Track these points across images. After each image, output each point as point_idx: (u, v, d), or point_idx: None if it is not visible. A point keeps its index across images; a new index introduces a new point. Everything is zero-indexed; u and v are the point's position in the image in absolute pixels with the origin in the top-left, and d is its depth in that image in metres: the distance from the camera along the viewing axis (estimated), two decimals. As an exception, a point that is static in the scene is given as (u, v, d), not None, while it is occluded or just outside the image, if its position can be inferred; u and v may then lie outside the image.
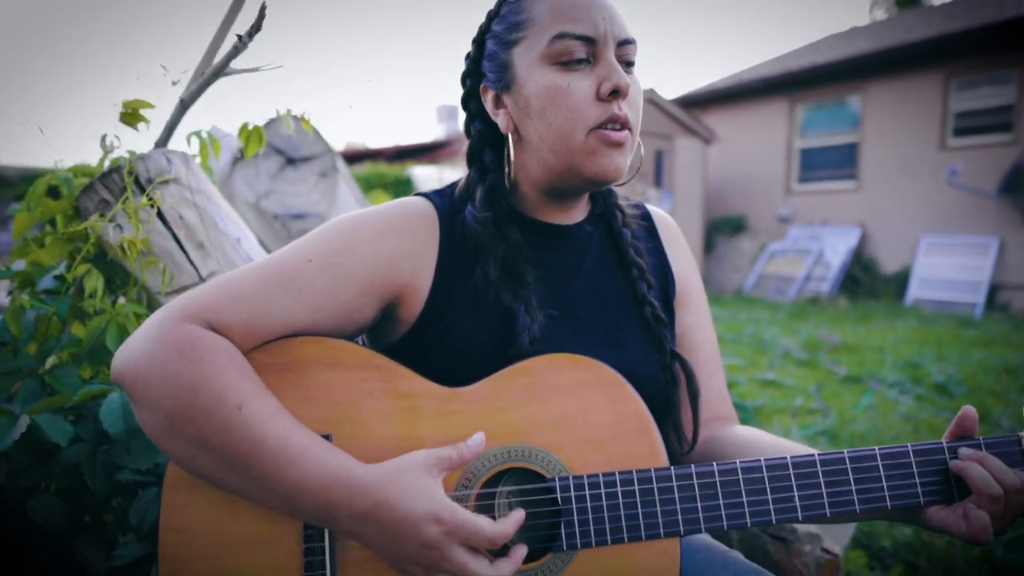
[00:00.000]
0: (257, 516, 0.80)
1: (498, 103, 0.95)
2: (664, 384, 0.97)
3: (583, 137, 0.88)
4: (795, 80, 11.19)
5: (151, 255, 1.23)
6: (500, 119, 0.95)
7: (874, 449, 0.83)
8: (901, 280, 9.81)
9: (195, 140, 1.43)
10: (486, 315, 0.92)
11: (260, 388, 0.78)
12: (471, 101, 1.00)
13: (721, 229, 11.95)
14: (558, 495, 0.81)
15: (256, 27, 1.17)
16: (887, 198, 10.24)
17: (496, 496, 0.86)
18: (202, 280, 1.28)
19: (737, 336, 6.66)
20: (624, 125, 0.89)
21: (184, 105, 1.28)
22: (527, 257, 0.95)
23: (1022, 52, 8.88)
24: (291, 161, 3.10)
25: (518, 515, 0.77)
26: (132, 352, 0.78)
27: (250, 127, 1.42)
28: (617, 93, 0.87)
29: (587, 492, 0.81)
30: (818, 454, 0.83)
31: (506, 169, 0.96)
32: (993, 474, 0.79)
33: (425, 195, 0.99)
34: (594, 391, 0.85)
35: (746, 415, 3.63)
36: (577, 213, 1.02)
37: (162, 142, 1.32)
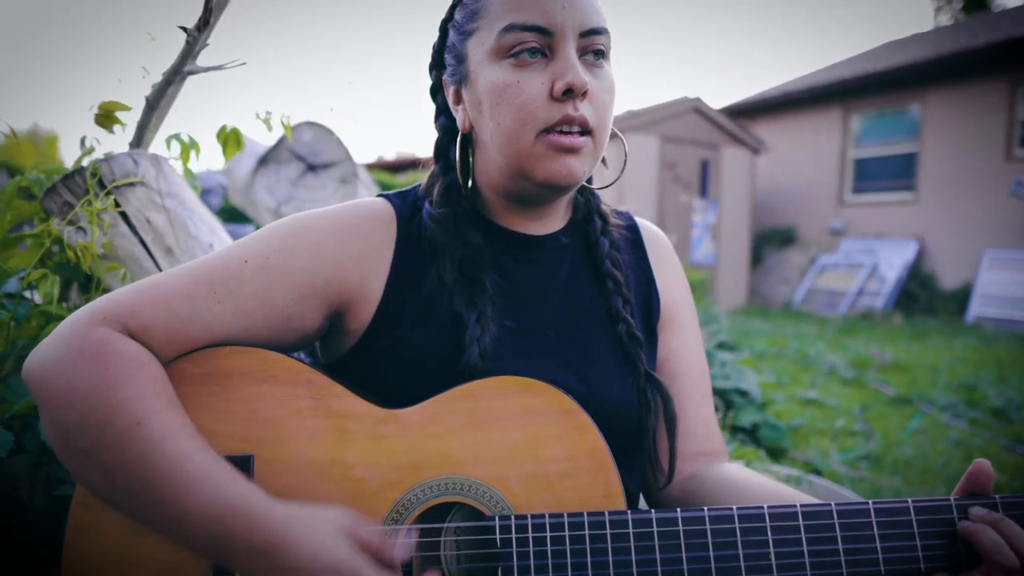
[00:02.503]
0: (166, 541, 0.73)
1: (458, 98, 0.87)
2: (637, 410, 0.87)
3: (531, 139, 0.79)
4: (850, 88, 10.81)
5: (113, 259, 1.19)
6: (459, 115, 0.87)
7: (868, 503, 0.71)
8: (962, 297, 9.33)
9: (175, 143, 1.38)
10: (439, 324, 0.84)
11: (169, 404, 0.71)
12: (438, 94, 0.92)
13: (769, 241, 11.61)
14: (497, 536, 0.72)
15: (204, 21, 1.11)
16: (947, 211, 9.77)
17: (442, 533, 0.77)
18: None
19: (780, 351, 6.41)
20: (583, 128, 0.79)
21: (150, 105, 1.23)
22: (489, 263, 0.86)
23: (1097, 58, 8.36)
24: (312, 168, 3.08)
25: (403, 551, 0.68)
26: (40, 355, 0.72)
27: (228, 129, 1.37)
28: (571, 92, 0.78)
29: (530, 535, 0.71)
30: (801, 506, 0.71)
31: (466, 170, 0.87)
32: (1009, 541, 0.66)
33: (386, 196, 0.92)
34: (546, 420, 0.76)
35: (780, 435, 3.44)
36: (552, 222, 0.92)
37: (135, 143, 1.28)
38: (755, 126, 12.12)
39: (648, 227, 1.02)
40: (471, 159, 0.88)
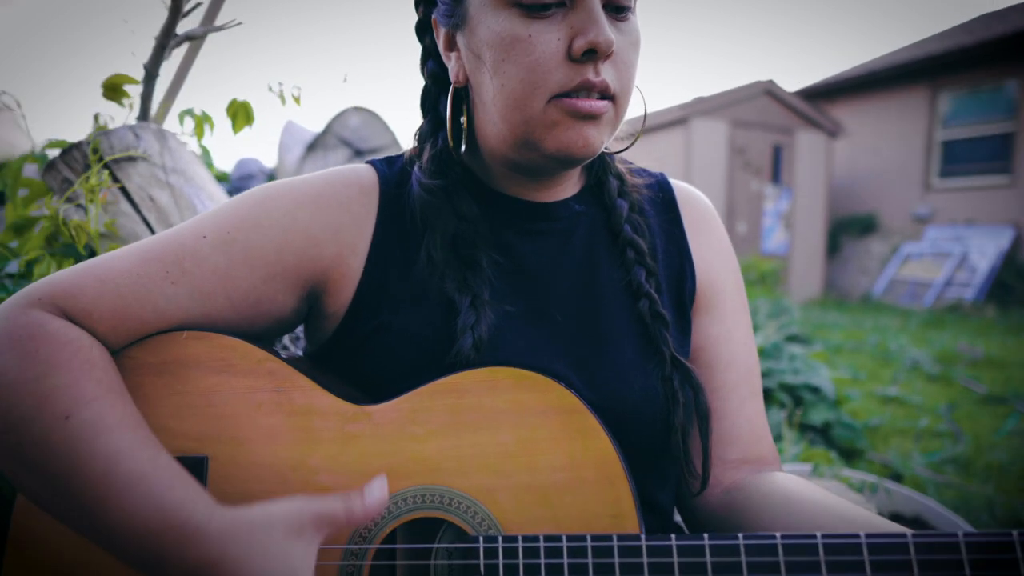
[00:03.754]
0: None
1: (451, 44, 0.74)
2: (663, 404, 0.73)
3: (542, 105, 0.66)
4: (938, 65, 10.09)
5: (114, 240, 1.12)
6: (451, 66, 0.74)
7: (956, 536, 0.54)
8: (1063, 288, 8.58)
9: (188, 119, 1.31)
10: (428, 309, 0.72)
11: (109, 391, 0.61)
12: (426, 33, 0.78)
13: (847, 229, 11.00)
14: (481, 561, 0.60)
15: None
16: (1048, 195, 9.01)
17: (432, 555, 0.65)
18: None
19: (858, 345, 6.03)
20: (603, 93, 0.66)
21: (149, 73, 1.16)
22: (486, 238, 0.74)
23: None
24: (359, 153, 3.02)
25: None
26: None
27: (238, 102, 1.29)
28: (594, 53, 0.64)
29: (520, 560, 0.59)
30: (866, 536, 0.56)
31: (457, 130, 0.75)
32: None
33: (372, 162, 0.80)
34: (543, 420, 0.63)
35: (854, 435, 3.18)
36: (564, 189, 0.79)
37: (141, 116, 1.22)
38: (833, 108, 11.50)
39: (685, 189, 0.87)
40: (464, 116, 0.75)
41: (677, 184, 0.87)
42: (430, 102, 0.78)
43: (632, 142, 0.81)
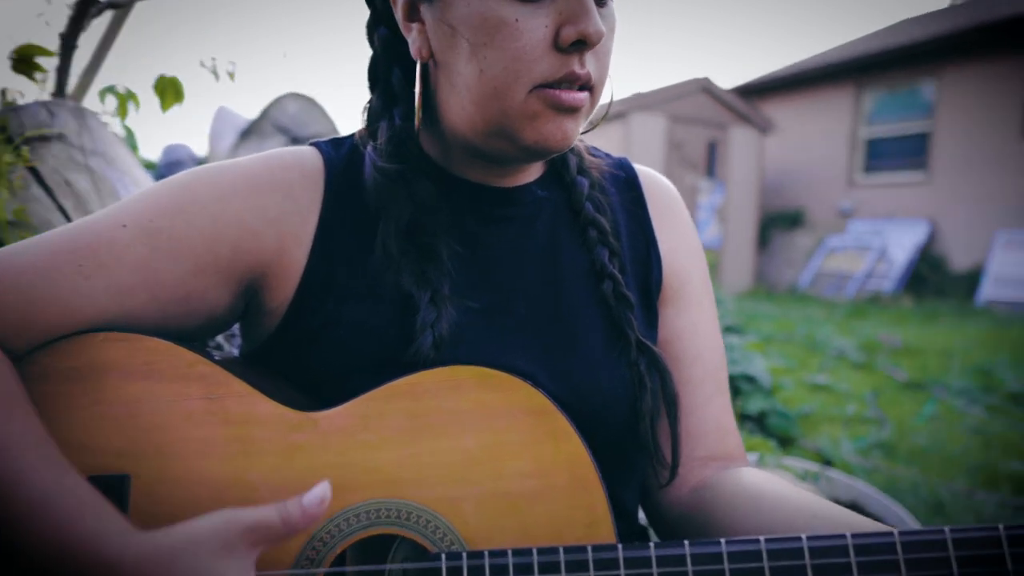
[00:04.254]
0: None
1: (412, 14, 0.67)
2: (632, 390, 0.69)
3: (523, 95, 0.61)
4: (863, 65, 10.52)
5: (26, 228, 1.01)
6: (412, 38, 0.67)
7: (944, 530, 0.53)
8: (972, 279, 9.11)
9: (110, 97, 1.20)
10: (383, 304, 0.66)
11: (5, 406, 0.53)
12: None
13: (777, 223, 11.38)
14: (443, 580, 0.54)
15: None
16: (960, 191, 9.52)
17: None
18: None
19: (788, 336, 6.23)
20: (585, 85, 0.62)
21: (65, 45, 1.05)
22: (445, 226, 0.69)
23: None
24: (296, 140, 2.90)
25: None
26: None
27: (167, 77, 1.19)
28: (583, 44, 0.60)
29: (487, 577, 0.54)
30: (852, 536, 0.53)
31: (415, 111, 0.68)
32: None
33: (316, 143, 0.74)
34: (509, 424, 0.58)
35: (789, 423, 3.27)
36: (526, 174, 0.75)
37: (58, 92, 1.10)
38: (765, 105, 11.85)
39: (649, 173, 0.83)
40: (420, 89, 0.68)
41: (640, 168, 0.84)
42: (380, 73, 0.71)
43: (591, 127, 0.77)
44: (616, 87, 0.70)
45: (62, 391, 0.59)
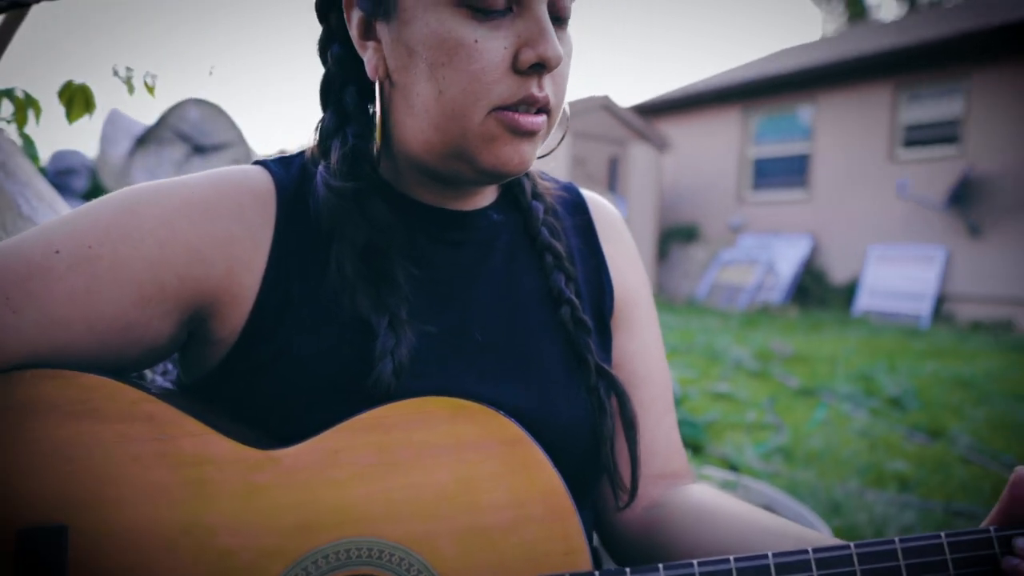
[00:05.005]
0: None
1: (367, 32, 0.65)
2: (591, 416, 0.70)
3: (481, 117, 0.60)
4: (748, 89, 11.21)
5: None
6: (368, 56, 0.65)
7: (894, 541, 0.56)
8: (850, 290, 9.85)
9: (6, 102, 1.10)
10: (338, 330, 0.64)
11: None
12: (331, 11, 0.68)
13: (675, 237, 11.88)
14: (420, 620, 0.53)
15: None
16: (837, 209, 10.29)
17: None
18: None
19: (689, 346, 6.49)
20: (542, 109, 0.62)
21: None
22: (401, 248, 0.67)
23: (969, 66, 9.00)
24: (199, 149, 2.76)
25: None
26: None
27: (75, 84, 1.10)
28: (542, 67, 0.60)
29: (466, 614, 0.53)
30: (814, 550, 0.56)
31: (373, 133, 0.67)
32: None
33: (262, 162, 0.70)
34: (483, 455, 0.57)
35: (696, 432, 3.40)
36: (481, 198, 0.74)
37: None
38: (661, 124, 12.38)
39: (594, 196, 0.85)
40: (379, 109, 0.67)
41: (586, 192, 0.85)
42: (333, 92, 0.69)
43: (547, 152, 0.78)
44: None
45: (-16, 435, 0.53)
